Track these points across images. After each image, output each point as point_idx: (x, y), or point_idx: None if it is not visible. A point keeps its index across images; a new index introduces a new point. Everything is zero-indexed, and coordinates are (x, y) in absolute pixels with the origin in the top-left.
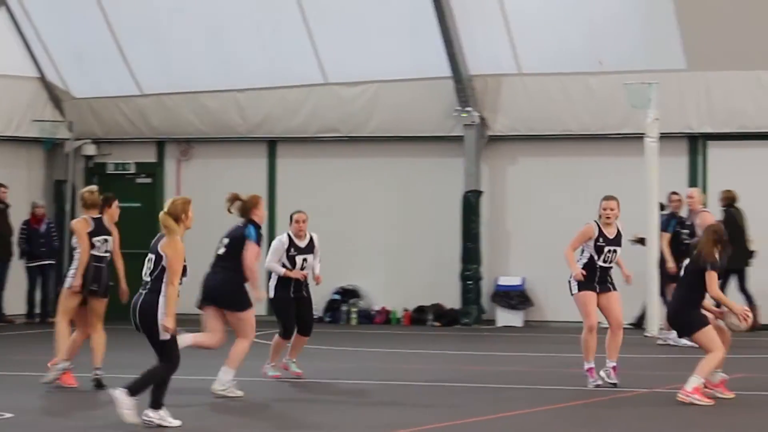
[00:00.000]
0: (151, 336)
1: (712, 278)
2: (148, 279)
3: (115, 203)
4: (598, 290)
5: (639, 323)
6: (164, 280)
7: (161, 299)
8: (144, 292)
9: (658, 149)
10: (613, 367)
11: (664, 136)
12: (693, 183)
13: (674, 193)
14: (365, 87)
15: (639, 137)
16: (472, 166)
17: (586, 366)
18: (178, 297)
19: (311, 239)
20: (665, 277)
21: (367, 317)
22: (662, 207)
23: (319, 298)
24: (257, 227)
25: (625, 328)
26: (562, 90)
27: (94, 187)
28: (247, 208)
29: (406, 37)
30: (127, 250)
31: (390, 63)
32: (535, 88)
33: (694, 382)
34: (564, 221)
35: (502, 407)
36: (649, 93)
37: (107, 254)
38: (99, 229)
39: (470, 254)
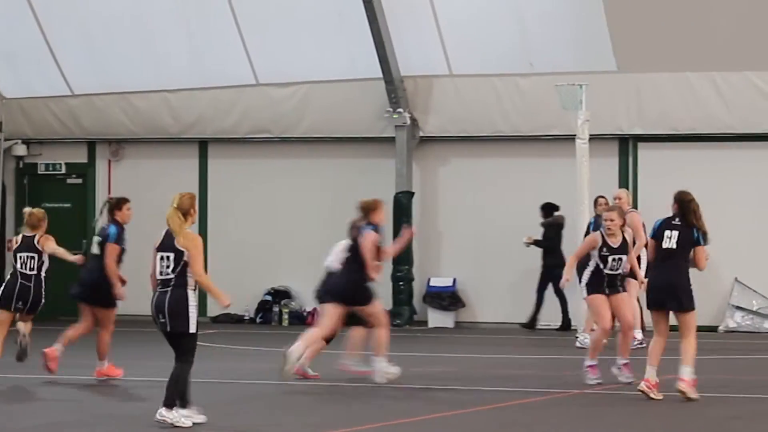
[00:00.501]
0: (178, 333)
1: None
2: (170, 276)
3: (126, 206)
4: (607, 293)
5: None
6: (188, 274)
7: (190, 293)
8: (168, 289)
9: (588, 151)
10: (625, 364)
11: (595, 138)
12: (623, 184)
13: (601, 196)
14: (296, 88)
15: (570, 138)
16: (403, 167)
17: (588, 363)
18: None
19: None
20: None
21: (298, 318)
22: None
23: (251, 298)
24: (375, 227)
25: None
26: (493, 91)
27: (36, 210)
28: (367, 210)
29: (337, 38)
30: None
31: (321, 64)
32: (466, 89)
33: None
34: (495, 222)
35: (434, 408)
36: (580, 94)
37: (33, 272)
38: (26, 246)
39: (401, 255)
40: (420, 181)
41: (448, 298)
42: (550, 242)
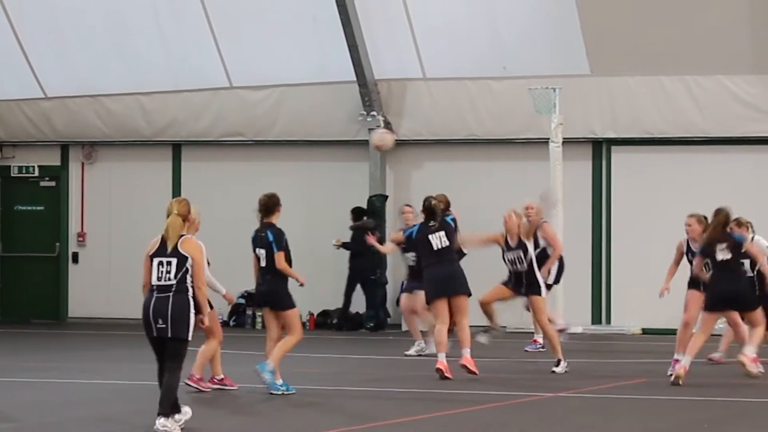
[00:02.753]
0: (177, 339)
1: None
2: (172, 282)
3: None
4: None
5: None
6: (188, 281)
7: (191, 300)
8: (169, 295)
9: (562, 154)
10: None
11: (568, 141)
12: (597, 188)
13: (407, 205)
14: (270, 91)
15: (543, 142)
16: (376, 171)
17: (675, 356)
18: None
19: None
20: None
21: None
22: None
23: (224, 302)
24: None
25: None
26: (466, 95)
27: None
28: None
29: (310, 41)
30: (30, 253)
31: (295, 67)
32: (440, 92)
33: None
34: (469, 225)
35: (406, 411)
36: (553, 98)
37: None
38: None
39: (375, 259)
40: (394, 184)
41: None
42: (358, 245)
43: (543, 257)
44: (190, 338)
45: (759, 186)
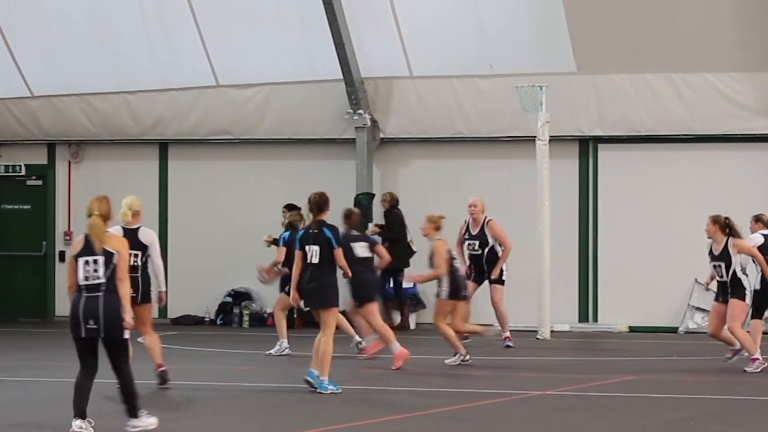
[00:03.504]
0: (113, 339)
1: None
2: (101, 281)
3: None
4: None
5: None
6: (117, 278)
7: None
8: (99, 294)
9: (548, 152)
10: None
11: (555, 139)
12: (583, 186)
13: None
14: (257, 89)
15: (530, 140)
16: (363, 169)
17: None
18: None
19: None
20: None
21: (259, 320)
22: None
23: (211, 300)
24: None
25: None
26: (453, 93)
27: None
28: None
29: (297, 39)
30: (17, 252)
31: (281, 65)
32: (426, 91)
33: None
34: (456, 223)
35: (395, 410)
36: (540, 96)
37: None
38: None
39: None
40: (380, 183)
41: (409, 300)
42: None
43: (493, 256)
44: (126, 336)
45: (746, 183)
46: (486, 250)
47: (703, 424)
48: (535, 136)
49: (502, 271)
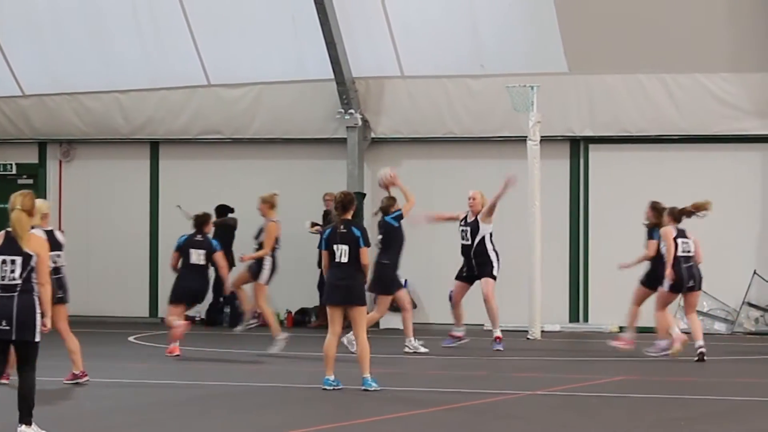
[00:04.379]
0: (25, 342)
1: None
2: (16, 282)
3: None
4: None
5: None
6: (33, 280)
7: (36, 300)
8: (13, 295)
9: (539, 152)
10: None
11: (546, 139)
12: (574, 186)
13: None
14: (248, 89)
15: (521, 140)
16: (354, 169)
17: None
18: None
19: None
20: None
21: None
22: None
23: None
24: None
25: None
26: (444, 93)
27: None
28: None
29: (289, 39)
30: None
31: (273, 65)
32: (418, 90)
33: None
34: (447, 224)
35: (385, 409)
36: (531, 96)
37: None
38: None
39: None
40: (371, 183)
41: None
42: (221, 242)
43: (482, 249)
44: (37, 339)
45: (737, 184)
46: (476, 240)
47: (692, 424)
48: (526, 136)
49: (493, 266)
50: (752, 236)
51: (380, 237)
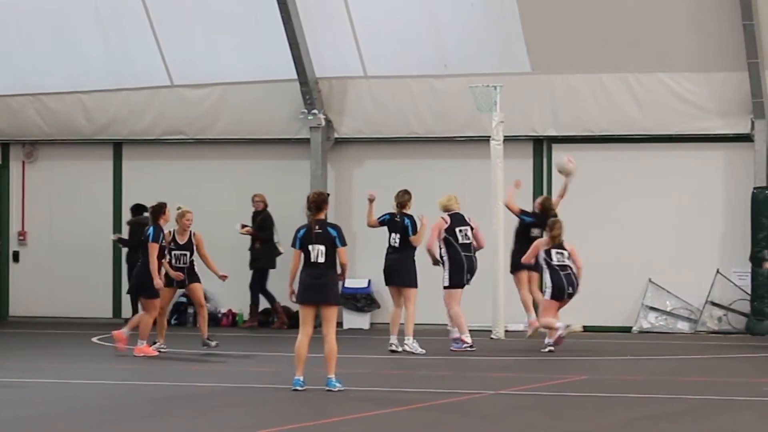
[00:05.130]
0: None
1: None
2: None
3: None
4: None
5: None
6: None
7: None
8: None
9: (502, 152)
10: None
11: (509, 139)
12: (537, 185)
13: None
14: (211, 89)
15: (484, 140)
16: (318, 169)
17: None
18: None
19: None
20: None
21: (213, 319)
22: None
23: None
24: None
25: None
26: (407, 93)
27: None
28: None
29: (252, 39)
30: None
31: (236, 65)
32: (381, 90)
33: None
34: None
35: (351, 409)
36: (494, 96)
37: None
38: None
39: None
40: (335, 183)
41: (363, 300)
42: (135, 240)
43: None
44: None
45: (700, 183)
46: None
47: (655, 423)
48: (489, 136)
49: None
50: (715, 235)
51: (398, 235)
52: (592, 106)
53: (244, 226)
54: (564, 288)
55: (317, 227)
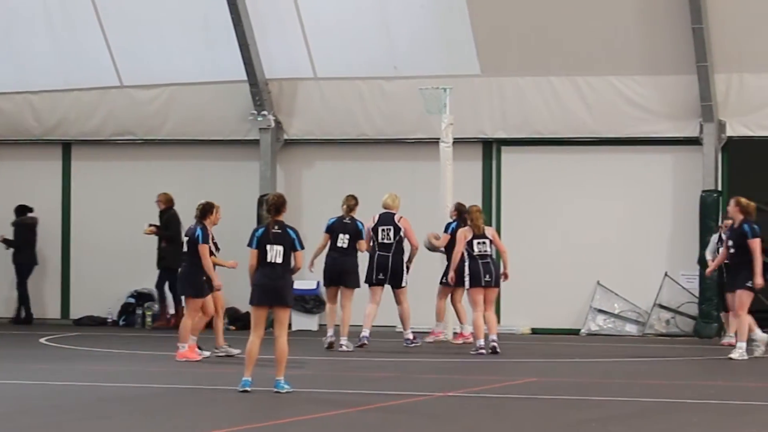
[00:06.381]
0: None
1: None
2: None
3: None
4: None
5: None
6: None
7: None
8: None
9: (452, 154)
10: None
11: (459, 141)
12: (486, 188)
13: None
14: (161, 90)
15: (434, 142)
16: (267, 170)
17: None
18: None
19: None
20: None
21: (165, 320)
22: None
23: (114, 301)
24: None
25: None
26: (357, 95)
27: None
28: None
29: (202, 40)
30: None
31: (186, 66)
32: (331, 92)
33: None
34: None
35: (289, 412)
36: (444, 98)
37: None
38: None
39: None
40: (284, 184)
41: (311, 301)
42: (21, 241)
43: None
44: None
45: (649, 186)
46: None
47: (604, 425)
48: (438, 138)
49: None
50: (663, 238)
51: (347, 236)
52: (541, 109)
53: (150, 225)
54: (481, 276)
55: (276, 227)
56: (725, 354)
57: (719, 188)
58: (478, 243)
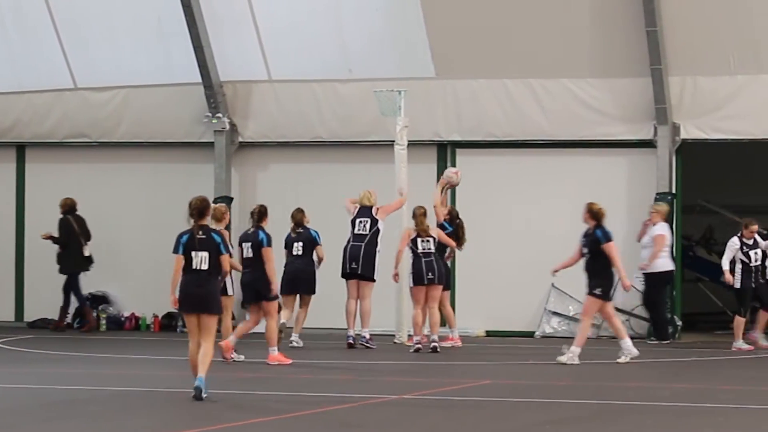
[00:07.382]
0: None
1: None
2: None
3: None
4: None
5: None
6: None
7: None
8: None
9: (407, 156)
10: None
11: (413, 144)
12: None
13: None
14: (115, 92)
15: (388, 144)
16: (222, 173)
17: None
18: None
19: None
20: None
21: (116, 323)
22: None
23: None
24: None
25: None
26: (312, 97)
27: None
28: None
29: (156, 42)
30: None
31: (140, 68)
32: (286, 95)
33: None
34: (314, 226)
35: (249, 414)
36: (398, 101)
37: None
38: None
39: None
40: (239, 187)
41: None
42: None
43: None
44: None
45: (603, 188)
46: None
47: (558, 427)
48: (393, 141)
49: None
50: (618, 241)
51: (301, 243)
52: (496, 111)
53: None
54: (423, 273)
55: (201, 233)
56: (692, 357)
57: (673, 191)
58: (422, 241)
